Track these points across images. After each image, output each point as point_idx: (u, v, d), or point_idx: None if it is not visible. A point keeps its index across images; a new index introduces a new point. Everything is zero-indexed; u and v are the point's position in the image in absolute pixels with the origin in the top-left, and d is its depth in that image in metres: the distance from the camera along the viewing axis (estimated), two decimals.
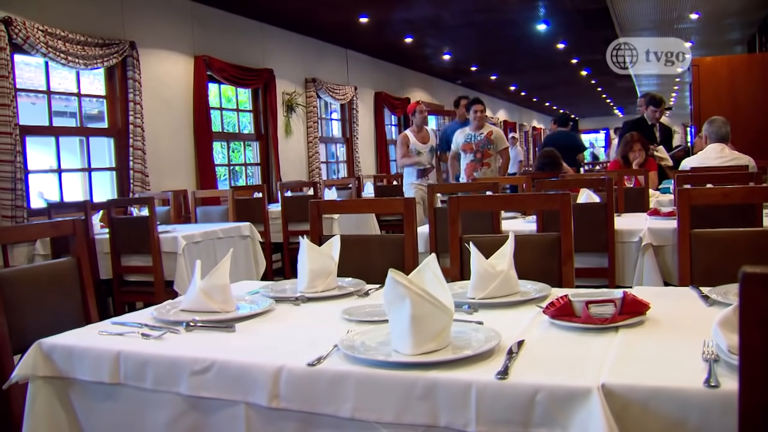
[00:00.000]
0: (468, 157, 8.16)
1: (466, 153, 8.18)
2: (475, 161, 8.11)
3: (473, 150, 8.12)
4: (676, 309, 2.04)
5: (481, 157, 8.09)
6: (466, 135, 8.25)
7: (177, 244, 5.26)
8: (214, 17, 9.49)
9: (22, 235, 4.46)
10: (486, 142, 8.10)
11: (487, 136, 8.14)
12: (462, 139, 8.26)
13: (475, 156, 8.11)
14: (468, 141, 8.20)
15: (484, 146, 8.09)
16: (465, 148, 8.20)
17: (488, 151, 8.09)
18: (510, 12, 11.28)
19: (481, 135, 8.15)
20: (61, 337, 2.08)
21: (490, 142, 8.12)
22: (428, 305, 1.68)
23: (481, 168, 8.06)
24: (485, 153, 8.09)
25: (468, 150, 8.17)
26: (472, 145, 8.15)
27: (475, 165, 8.10)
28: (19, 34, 6.48)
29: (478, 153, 8.09)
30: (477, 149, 8.10)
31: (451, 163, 8.53)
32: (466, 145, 8.19)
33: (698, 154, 6.40)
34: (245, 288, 2.70)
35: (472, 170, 8.07)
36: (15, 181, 6.41)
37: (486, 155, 8.09)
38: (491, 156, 8.13)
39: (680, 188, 2.83)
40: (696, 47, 14.56)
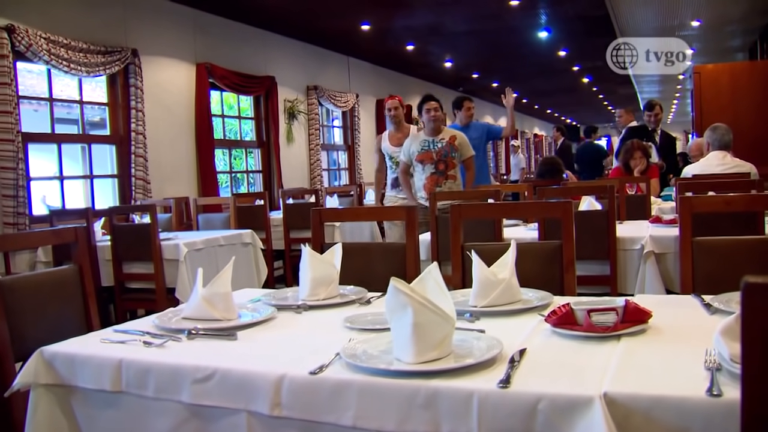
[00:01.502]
0: (427, 170, 6.47)
1: (425, 164, 6.48)
2: (437, 174, 6.44)
3: (433, 160, 6.44)
4: (678, 317, 2.04)
5: (444, 169, 6.44)
6: (421, 142, 6.53)
7: (179, 252, 5.26)
8: (215, 25, 9.51)
9: (25, 242, 4.47)
10: (449, 149, 6.48)
11: (449, 141, 6.49)
12: (417, 148, 6.52)
13: (436, 167, 6.44)
14: (425, 149, 6.48)
15: (446, 154, 6.46)
16: (422, 158, 6.48)
17: (452, 160, 6.48)
18: (511, 19, 11.30)
19: (442, 141, 6.50)
20: (63, 345, 2.08)
21: (454, 149, 6.49)
22: (430, 314, 1.68)
23: (445, 181, 6.45)
24: (449, 163, 6.46)
25: (426, 160, 6.47)
26: (431, 153, 6.45)
27: (437, 178, 6.43)
28: (21, 41, 6.50)
29: (441, 164, 6.43)
30: (439, 158, 6.44)
31: (402, 180, 6.71)
32: (424, 154, 6.47)
33: (700, 162, 6.40)
34: (247, 296, 2.70)
35: (434, 185, 6.40)
36: (17, 188, 6.42)
37: (450, 165, 6.47)
38: (455, 167, 6.52)
39: (682, 196, 2.83)
40: (697, 54, 14.56)
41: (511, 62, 15.71)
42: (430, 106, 6.54)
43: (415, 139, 6.60)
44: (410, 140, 6.63)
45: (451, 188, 6.36)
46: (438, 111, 6.54)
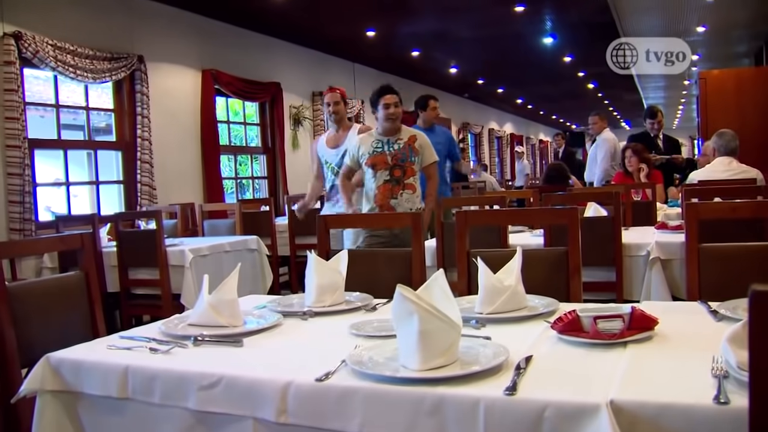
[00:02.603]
0: (380, 177, 5.17)
1: (377, 170, 5.17)
2: (391, 182, 5.16)
3: (388, 165, 5.16)
4: (685, 324, 2.03)
5: (401, 176, 5.16)
6: (374, 142, 5.23)
7: (184, 258, 5.27)
8: (221, 31, 9.54)
9: (31, 248, 4.48)
10: (408, 153, 5.20)
11: (408, 143, 5.23)
12: (368, 149, 5.22)
13: (391, 174, 5.16)
14: (378, 151, 5.19)
15: (405, 159, 5.18)
16: (374, 162, 5.18)
17: (411, 165, 5.20)
18: (517, 25, 11.31)
19: (399, 142, 5.22)
20: (69, 351, 2.08)
21: (413, 153, 5.21)
22: (436, 321, 1.68)
23: (402, 192, 5.15)
24: (407, 169, 5.18)
25: (379, 165, 5.17)
26: (385, 157, 5.17)
27: (392, 188, 5.15)
28: (28, 48, 6.53)
29: (397, 169, 5.16)
30: (395, 163, 5.16)
31: (341, 186, 5.45)
32: (376, 157, 5.18)
33: (706, 167, 6.39)
34: (253, 302, 2.70)
35: (388, 196, 5.15)
36: (23, 194, 6.44)
37: (409, 172, 5.18)
38: (415, 174, 5.23)
39: (688, 203, 2.82)
40: (703, 60, 14.57)
41: (517, 68, 15.71)
42: (388, 100, 5.22)
43: (366, 139, 5.29)
44: (359, 139, 5.35)
45: (409, 201, 5.15)
46: (398, 107, 5.25)
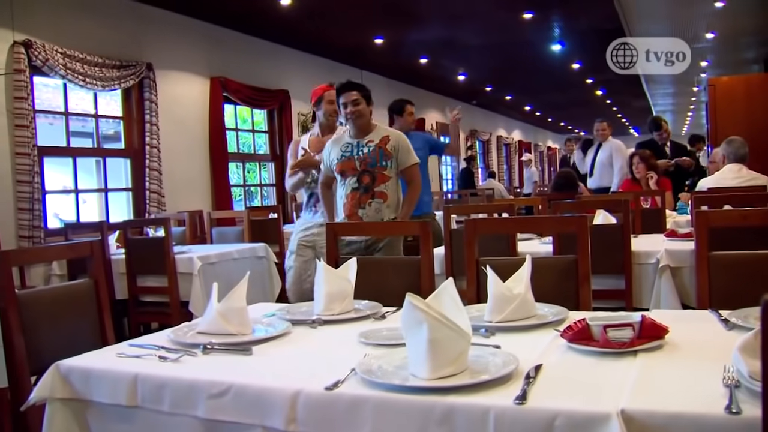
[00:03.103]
0: (348, 184, 4.62)
1: (346, 177, 4.64)
2: (359, 190, 4.58)
3: (356, 170, 4.60)
4: (696, 333, 2.02)
5: (369, 183, 4.58)
6: (343, 146, 4.70)
7: (192, 265, 5.27)
8: (230, 39, 9.56)
9: (41, 256, 4.50)
10: (378, 156, 4.60)
11: (380, 145, 4.63)
12: (336, 153, 4.70)
13: (359, 181, 4.59)
14: (346, 156, 4.65)
15: (374, 163, 4.59)
16: (342, 168, 4.64)
17: (382, 170, 4.59)
18: (525, 33, 11.32)
19: (370, 144, 4.64)
20: (78, 359, 2.08)
21: (385, 156, 4.61)
22: (446, 329, 1.68)
23: (371, 201, 4.57)
24: (377, 175, 4.58)
25: (348, 172, 4.63)
26: (353, 162, 4.61)
27: (359, 197, 4.58)
28: (38, 56, 6.57)
29: (365, 176, 4.58)
30: (363, 169, 4.59)
31: (322, 193, 4.92)
32: (345, 162, 4.64)
33: (715, 175, 6.37)
34: (261, 310, 2.70)
35: (356, 206, 4.57)
36: (32, 202, 6.47)
37: (379, 179, 4.58)
38: (388, 180, 4.60)
39: (698, 210, 2.82)
40: (712, 67, 14.55)
41: (525, 75, 15.71)
42: (345, 98, 4.67)
43: (336, 143, 4.77)
44: (331, 143, 4.80)
45: (379, 211, 4.55)
46: (358, 104, 4.62)
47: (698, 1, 9.61)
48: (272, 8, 8.78)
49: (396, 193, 4.71)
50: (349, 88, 4.71)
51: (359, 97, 4.65)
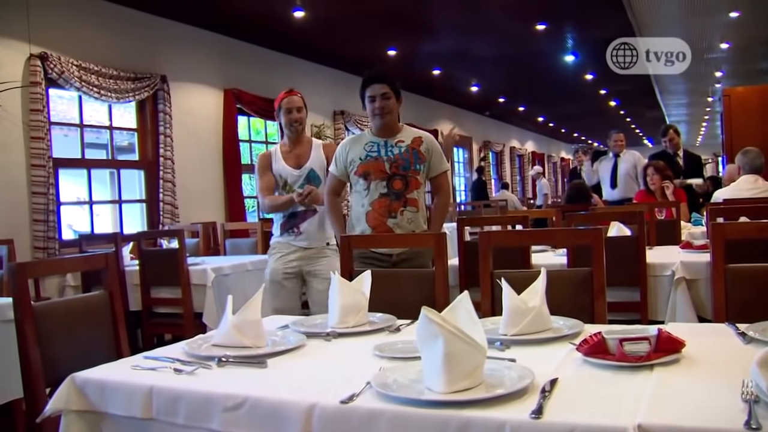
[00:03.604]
0: (375, 189, 4.03)
1: (371, 180, 4.04)
2: (390, 196, 4.01)
3: (386, 174, 4.02)
4: (713, 346, 2.01)
5: (403, 188, 4.01)
6: (367, 145, 4.11)
7: (206, 277, 5.28)
8: (243, 51, 9.60)
9: (57, 268, 4.52)
10: (412, 159, 4.05)
11: (413, 146, 4.08)
12: (359, 153, 4.10)
13: (390, 186, 4.01)
14: (373, 156, 4.07)
15: (408, 166, 4.03)
16: (367, 169, 4.05)
17: (416, 175, 4.05)
18: (538, 44, 11.32)
19: (401, 145, 4.07)
20: (94, 371, 2.08)
21: (419, 159, 4.07)
22: (461, 343, 1.67)
23: (404, 210, 4.00)
24: (411, 180, 4.03)
25: (375, 174, 4.03)
26: (382, 163, 4.03)
27: (390, 204, 4.00)
28: (54, 69, 6.61)
29: (398, 180, 4.02)
30: (395, 172, 4.02)
31: (330, 205, 4.27)
32: (371, 163, 4.05)
33: (731, 186, 6.34)
34: (275, 322, 2.70)
35: (385, 214, 4.00)
36: (47, 213, 6.51)
37: (413, 184, 4.03)
38: (420, 186, 4.09)
39: (714, 223, 2.80)
40: (726, 77, 14.51)
41: (538, 86, 15.71)
42: (373, 91, 4.07)
43: (356, 142, 4.19)
44: (349, 142, 4.24)
45: (412, 221, 4.02)
46: (388, 98, 4.06)
47: (712, 12, 9.59)
48: (286, 20, 8.81)
49: (423, 200, 4.21)
50: (377, 80, 4.08)
51: (389, 91, 4.08)
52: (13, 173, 6.43)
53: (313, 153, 4.58)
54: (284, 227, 4.54)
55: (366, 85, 4.11)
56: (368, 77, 4.12)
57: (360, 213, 4.10)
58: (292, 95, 4.64)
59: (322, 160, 4.55)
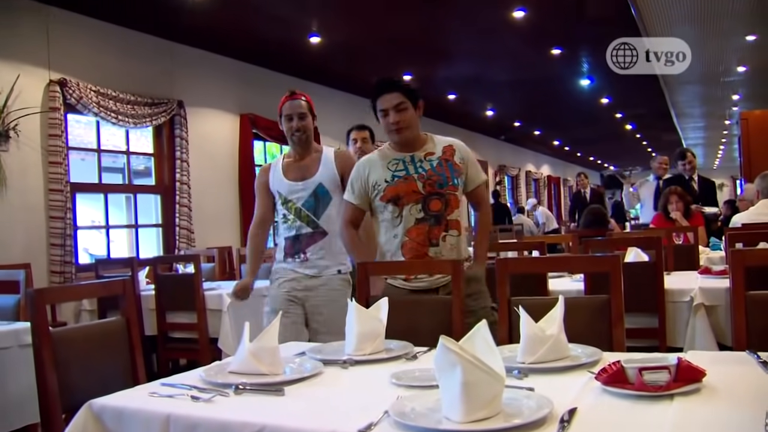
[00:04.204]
0: (410, 215, 3.43)
1: (404, 205, 3.43)
2: (428, 221, 3.41)
3: (420, 195, 3.42)
4: (734, 376, 1.99)
5: (442, 209, 3.41)
6: (391, 163, 3.51)
7: (222, 302, 5.27)
8: (259, 76, 9.67)
9: (76, 294, 4.54)
10: (449, 172, 3.47)
11: (445, 157, 3.50)
12: (384, 174, 3.50)
13: (426, 208, 3.41)
14: (402, 174, 3.47)
15: (444, 182, 3.44)
16: (398, 192, 3.44)
17: (455, 191, 3.47)
18: (554, 68, 11.34)
19: (431, 158, 3.49)
20: (111, 398, 2.08)
21: (456, 171, 3.49)
22: (480, 372, 1.66)
23: (445, 236, 3.42)
24: (450, 198, 3.45)
25: (407, 197, 3.43)
26: (413, 182, 3.44)
27: (429, 230, 3.40)
28: (72, 94, 6.68)
29: (435, 200, 3.42)
30: (431, 191, 3.42)
31: (348, 236, 3.66)
32: (402, 185, 3.45)
33: (750, 210, 6.31)
34: (292, 349, 2.69)
35: (425, 243, 3.40)
36: (65, 237, 6.54)
37: (453, 203, 3.45)
38: (459, 204, 3.51)
39: (733, 249, 2.78)
40: (744, 100, 14.49)
41: (554, 110, 15.72)
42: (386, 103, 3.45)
43: (376, 161, 3.57)
44: (367, 163, 3.60)
45: (455, 247, 3.46)
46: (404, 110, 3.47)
47: (729, 35, 9.59)
48: (302, 46, 8.88)
49: (463, 221, 3.61)
50: (388, 88, 3.48)
51: (404, 101, 3.46)
52: (31, 197, 6.48)
53: (322, 165, 4.00)
54: (289, 252, 4.00)
55: (376, 95, 3.51)
56: (377, 85, 3.53)
57: (393, 245, 3.46)
58: (294, 99, 4.12)
59: (334, 173, 3.97)
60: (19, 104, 6.32)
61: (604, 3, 8.12)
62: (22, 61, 6.50)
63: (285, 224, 4.04)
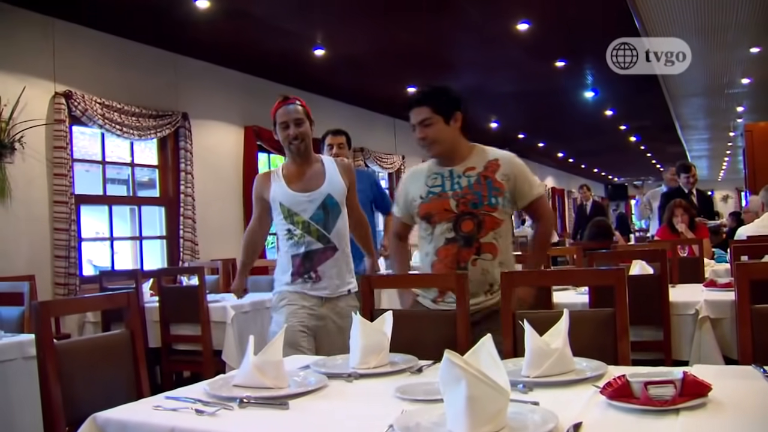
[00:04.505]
0: (441, 234, 3.27)
1: (436, 223, 3.28)
2: (457, 242, 3.22)
3: (452, 214, 3.24)
4: (740, 390, 1.98)
5: (474, 231, 3.20)
6: (430, 178, 3.36)
7: (226, 314, 5.26)
8: (263, 88, 9.67)
9: (80, 307, 4.54)
10: (486, 190, 3.23)
11: (485, 174, 3.27)
12: (419, 190, 3.37)
13: (457, 229, 3.22)
14: (436, 193, 3.31)
15: (479, 202, 3.22)
16: (431, 210, 3.30)
17: (492, 212, 3.22)
18: (558, 80, 11.34)
19: (470, 174, 3.28)
20: (115, 412, 2.07)
21: (495, 190, 3.23)
22: (484, 386, 1.66)
23: (476, 260, 3.20)
24: (485, 219, 3.21)
25: (438, 215, 3.28)
26: (446, 200, 3.26)
27: (458, 252, 3.21)
28: (78, 106, 6.70)
29: (467, 221, 3.22)
30: (464, 210, 3.22)
31: (395, 248, 3.73)
32: (435, 202, 3.30)
33: (755, 222, 6.30)
34: (296, 363, 2.69)
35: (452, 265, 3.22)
36: (69, 249, 6.55)
37: (488, 224, 3.21)
38: (500, 225, 3.24)
39: (738, 263, 2.77)
40: (748, 112, 14.49)
41: (558, 122, 15.73)
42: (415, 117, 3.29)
43: (418, 175, 3.44)
44: (410, 175, 3.51)
45: (487, 272, 3.22)
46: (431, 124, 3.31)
47: (733, 47, 9.59)
48: (306, 58, 8.89)
49: (509, 243, 3.35)
50: (417, 103, 3.32)
51: (431, 116, 3.27)
52: (35, 209, 6.49)
53: (328, 175, 3.75)
54: (298, 271, 3.66)
55: (408, 109, 3.36)
56: (408, 99, 3.39)
57: (426, 263, 3.35)
58: (288, 104, 3.91)
59: (341, 183, 3.76)
60: (25, 116, 6.34)
61: (608, 16, 8.13)
62: (28, 74, 6.52)
63: (290, 241, 3.70)
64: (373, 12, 7.68)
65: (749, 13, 8.16)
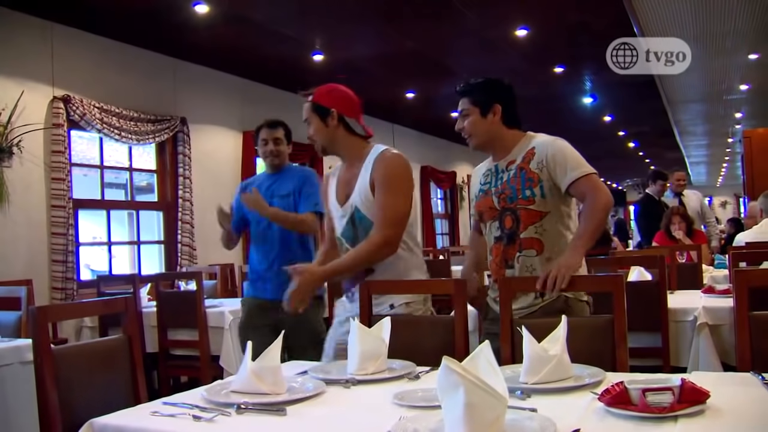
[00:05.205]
0: (490, 232, 3.18)
1: (486, 222, 3.20)
2: (503, 240, 3.11)
3: (496, 211, 3.13)
4: (738, 397, 1.97)
5: (514, 227, 3.06)
6: (483, 175, 3.29)
7: (224, 319, 5.26)
8: (262, 93, 9.69)
9: (78, 312, 4.52)
10: (519, 183, 3.07)
11: (521, 164, 3.11)
12: (475, 188, 3.33)
13: (502, 227, 3.11)
14: (483, 190, 3.23)
15: (513, 196, 3.07)
16: (481, 208, 3.24)
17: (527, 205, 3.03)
18: (556, 86, 11.36)
19: (511, 168, 3.14)
20: (112, 417, 2.07)
21: (528, 181, 3.05)
22: (482, 393, 1.65)
23: (519, 257, 3.05)
24: (521, 213, 3.05)
25: (486, 213, 3.20)
26: (490, 197, 3.17)
27: (504, 250, 3.10)
28: (76, 111, 6.70)
29: (508, 217, 3.08)
30: (504, 206, 3.10)
31: (471, 242, 3.58)
32: (483, 199, 3.22)
33: (753, 229, 6.29)
34: (294, 369, 2.68)
35: (501, 265, 3.10)
36: (66, 254, 6.54)
37: (525, 218, 3.04)
38: (540, 218, 3.03)
39: (737, 269, 2.76)
40: (747, 118, 14.52)
41: (556, 128, 15.31)
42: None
43: (478, 171, 3.38)
44: (474, 173, 3.43)
45: (531, 269, 3.06)
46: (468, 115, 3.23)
47: (732, 53, 9.61)
48: (305, 63, 8.90)
49: (557, 236, 3.06)
50: (459, 94, 3.28)
51: (469, 107, 3.22)
52: (33, 213, 6.49)
53: (360, 179, 3.14)
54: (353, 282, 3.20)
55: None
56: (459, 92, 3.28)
57: (488, 262, 3.25)
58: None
59: (366, 188, 3.09)
60: (23, 120, 6.34)
61: (606, 22, 8.15)
62: (26, 78, 6.52)
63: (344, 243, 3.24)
64: (373, 17, 7.70)
65: (748, 20, 8.18)
